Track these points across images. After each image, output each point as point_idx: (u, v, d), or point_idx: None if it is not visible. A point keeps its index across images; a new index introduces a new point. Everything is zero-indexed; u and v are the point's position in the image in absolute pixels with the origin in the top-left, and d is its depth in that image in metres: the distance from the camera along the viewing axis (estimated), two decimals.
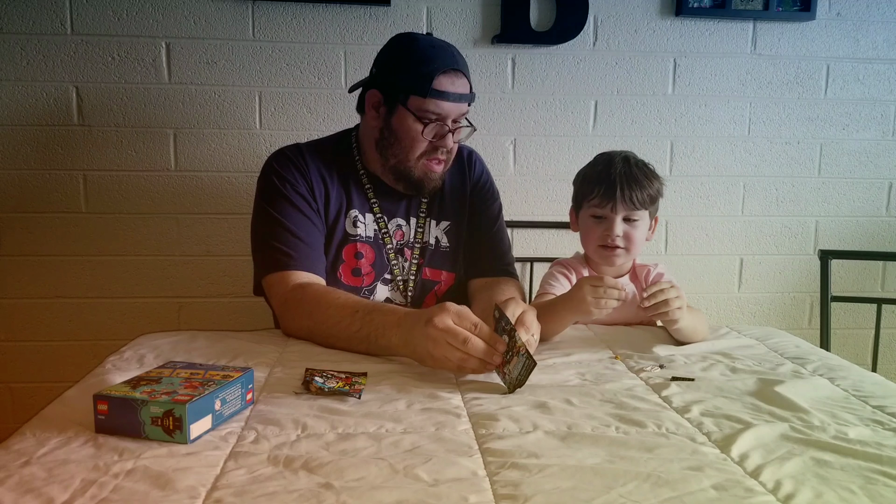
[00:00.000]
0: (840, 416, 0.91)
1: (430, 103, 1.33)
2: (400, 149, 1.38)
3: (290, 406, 0.91)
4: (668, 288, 1.22)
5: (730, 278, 2.16)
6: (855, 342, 2.19)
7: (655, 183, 1.39)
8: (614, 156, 1.41)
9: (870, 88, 2.08)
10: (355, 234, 1.43)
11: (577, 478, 0.71)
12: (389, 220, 1.46)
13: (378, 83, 1.39)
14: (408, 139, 1.37)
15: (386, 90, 1.37)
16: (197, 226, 1.96)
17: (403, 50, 1.37)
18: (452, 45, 1.38)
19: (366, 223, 1.44)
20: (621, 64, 2.01)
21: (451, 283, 1.50)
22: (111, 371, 1.05)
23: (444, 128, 1.37)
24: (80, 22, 1.84)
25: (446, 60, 1.33)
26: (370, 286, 1.43)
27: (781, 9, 1.98)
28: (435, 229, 1.50)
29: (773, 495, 0.69)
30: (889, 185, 2.15)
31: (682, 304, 1.22)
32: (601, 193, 1.36)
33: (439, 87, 1.32)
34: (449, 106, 1.34)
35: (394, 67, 1.37)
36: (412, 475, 0.71)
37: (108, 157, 1.91)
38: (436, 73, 1.32)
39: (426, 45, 1.35)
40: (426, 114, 1.34)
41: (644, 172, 1.38)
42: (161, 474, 0.70)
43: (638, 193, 1.35)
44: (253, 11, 1.89)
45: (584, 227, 1.43)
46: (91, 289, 1.96)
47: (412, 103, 1.34)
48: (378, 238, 1.45)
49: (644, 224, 1.40)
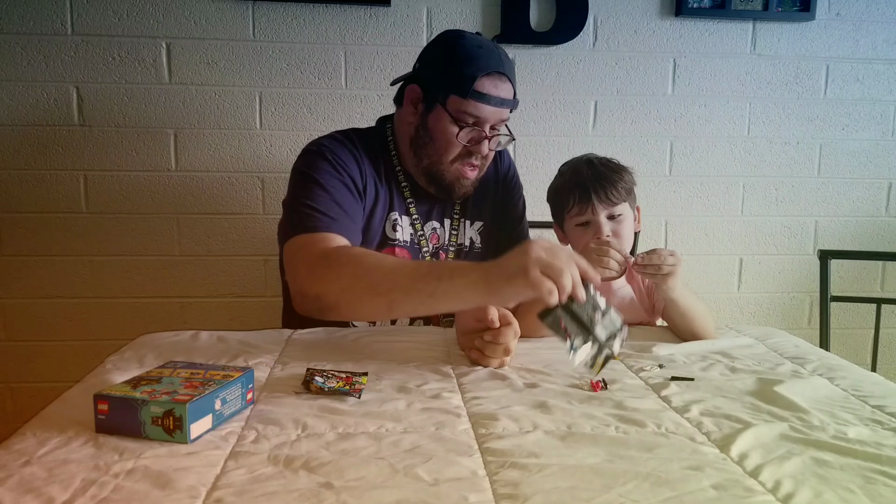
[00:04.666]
0: (839, 416, 0.91)
1: (470, 105, 1.29)
2: (434, 150, 1.34)
3: (291, 406, 0.91)
4: (663, 251, 1.24)
5: (729, 278, 2.16)
6: (854, 342, 2.19)
7: (625, 174, 1.40)
8: (577, 162, 1.42)
9: (869, 88, 2.08)
10: (395, 238, 1.38)
11: (577, 477, 0.71)
12: (425, 222, 1.42)
13: (420, 79, 1.35)
14: (443, 140, 1.32)
15: (426, 87, 1.33)
16: (197, 226, 1.96)
17: (449, 47, 1.33)
18: (501, 48, 1.34)
19: (403, 227, 1.39)
20: (621, 64, 2.01)
21: None
22: (111, 371, 1.05)
23: (482, 133, 1.32)
24: (80, 22, 1.84)
25: (491, 62, 1.29)
26: None
27: (781, 9, 1.99)
28: (469, 230, 1.46)
29: (773, 495, 0.69)
30: (889, 185, 2.15)
31: (674, 268, 1.23)
32: (577, 201, 1.37)
33: (481, 90, 1.28)
34: (489, 110, 1.30)
35: (437, 64, 1.33)
36: (412, 475, 0.71)
37: (109, 157, 1.91)
38: (478, 75, 1.27)
39: (472, 45, 1.31)
40: (464, 116, 1.30)
41: (611, 168, 1.39)
42: (161, 474, 0.70)
43: (612, 189, 1.36)
44: (253, 11, 1.89)
45: (572, 237, 1.43)
46: (91, 289, 1.96)
47: (451, 104, 1.30)
48: (414, 242, 1.40)
49: (628, 218, 1.40)
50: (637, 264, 1.25)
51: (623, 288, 1.45)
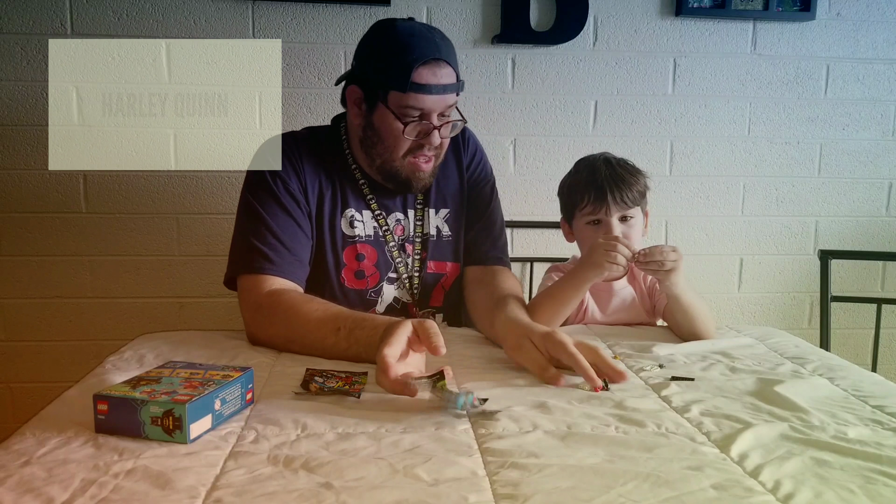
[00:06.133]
0: (840, 416, 0.91)
1: (411, 98, 1.23)
2: (384, 148, 1.30)
3: (290, 406, 0.91)
4: (665, 247, 1.25)
5: (730, 278, 2.16)
6: (855, 342, 2.19)
7: (641, 178, 1.40)
8: (595, 160, 1.42)
9: (870, 88, 2.08)
10: (354, 234, 1.36)
11: (577, 477, 0.71)
12: (388, 215, 1.39)
13: (358, 78, 1.30)
14: (391, 138, 1.28)
15: (365, 86, 1.28)
16: (197, 226, 1.96)
17: (380, 40, 1.26)
18: (436, 30, 1.27)
19: (364, 221, 1.37)
20: (621, 64, 2.01)
21: (456, 274, 1.44)
22: (111, 371, 1.05)
23: (429, 125, 1.27)
24: (80, 22, 1.84)
25: (427, 50, 1.22)
26: (376, 287, 1.38)
27: (781, 9, 1.98)
28: (435, 218, 1.42)
29: (773, 495, 0.69)
30: (889, 185, 2.15)
31: (676, 263, 1.24)
32: (592, 199, 1.36)
33: (419, 80, 1.21)
34: (432, 99, 1.24)
35: (371, 60, 1.27)
36: (412, 475, 0.71)
37: (109, 158, 1.91)
38: (414, 65, 1.21)
39: (404, 34, 1.23)
40: (407, 110, 1.24)
41: (628, 170, 1.39)
42: (161, 474, 0.70)
43: (628, 192, 1.36)
44: (253, 11, 1.89)
45: (581, 235, 1.42)
46: (91, 289, 1.96)
47: (392, 100, 1.24)
48: (379, 236, 1.38)
49: (639, 220, 1.40)
50: (640, 261, 1.25)
51: (625, 289, 1.44)
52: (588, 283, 1.30)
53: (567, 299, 1.30)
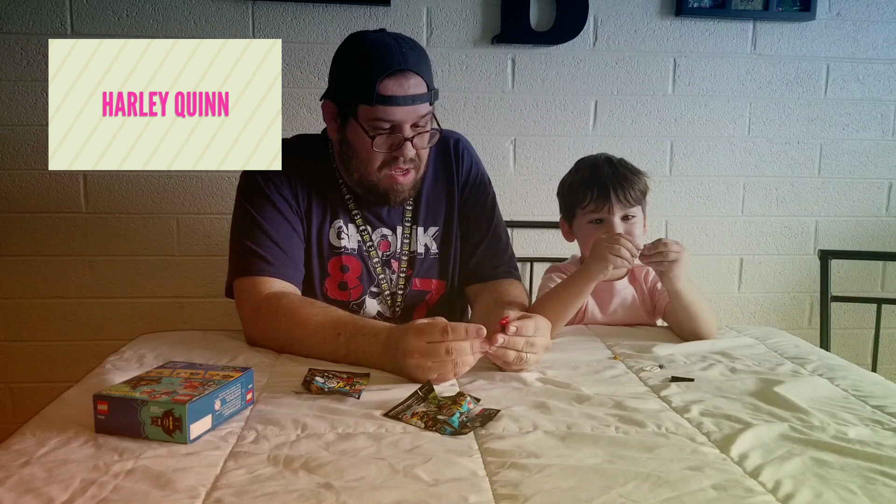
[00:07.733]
0: (840, 416, 0.91)
1: (379, 111, 1.21)
2: (359, 162, 1.28)
3: (290, 406, 0.91)
4: (668, 240, 1.25)
5: (730, 278, 2.16)
6: (855, 342, 2.19)
7: (642, 177, 1.40)
8: (596, 159, 1.42)
9: (869, 88, 2.08)
10: (340, 246, 1.35)
11: (577, 478, 0.71)
12: (374, 230, 1.37)
13: (332, 92, 1.29)
14: (363, 152, 1.26)
15: (338, 100, 1.27)
16: (197, 226, 1.96)
17: (348, 53, 1.26)
18: (406, 40, 1.25)
19: (349, 234, 1.36)
20: (621, 64, 2.01)
21: (442, 292, 1.42)
22: (111, 371, 1.05)
23: (400, 137, 1.24)
24: (80, 22, 1.84)
25: (391, 61, 1.19)
26: (358, 300, 1.36)
27: (781, 9, 1.98)
28: (423, 237, 1.40)
29: (773, 495, 0.69)
30: (889, 185, 2.15)
31: (679, 255, 1.25)
32: (595, 198, 1.36)
33: (385, 92, 1.19)
34: (401, 111, 1.21)
35: (341, 75, 1.26)
36: (412, 475, 0.71)
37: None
38: (379, 77, 1.19)
39: (370, 47, 1.22)
40: (377, 123, 1.22)
41: (629, 169, 1.40)
42: (161, 474, 0.70)
43: (630, 191, 1.36)
44: (253, 11, 1.89)
45: (582, 234, 1.42)
46: (91, 289, 1.96)
47: (361, 114, 1.23)
48: (363, 250, 1.36)
49: (640, 221, 1.40)
50: (644, 255, 1.26)
51: (625, 289, 1.45)
52: (593, 281, 1.30)
53: (572, 298, 1.30)
